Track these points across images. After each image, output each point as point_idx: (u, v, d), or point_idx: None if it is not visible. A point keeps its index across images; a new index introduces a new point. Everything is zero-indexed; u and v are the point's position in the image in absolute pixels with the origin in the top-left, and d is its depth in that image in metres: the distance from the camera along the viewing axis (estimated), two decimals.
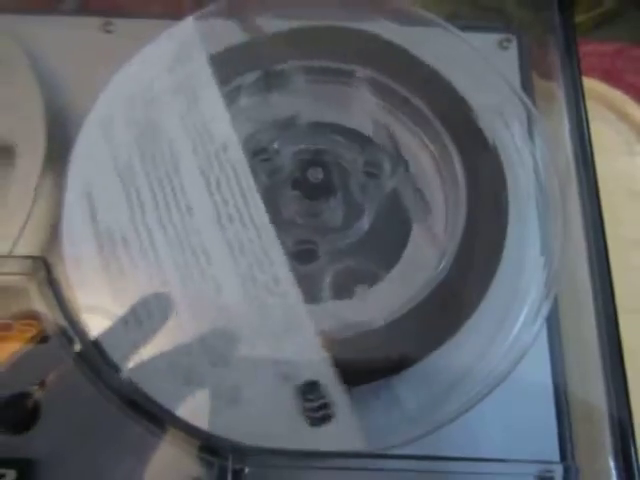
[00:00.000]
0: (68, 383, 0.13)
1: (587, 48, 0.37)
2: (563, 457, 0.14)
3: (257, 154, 0.17)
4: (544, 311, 0.16)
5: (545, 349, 0.17)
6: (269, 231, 0.15)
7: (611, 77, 0.33)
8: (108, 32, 0.21)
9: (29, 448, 0.13)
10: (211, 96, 0.16)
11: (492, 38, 0.21)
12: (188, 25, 0.18)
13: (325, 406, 0.13)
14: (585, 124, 0.19)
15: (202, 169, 0.16)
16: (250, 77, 0.17)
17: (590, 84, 0.31)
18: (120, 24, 0.21)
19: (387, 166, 0.18)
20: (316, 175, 0.16)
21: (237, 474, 0.13)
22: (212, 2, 0.18)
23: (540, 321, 0.16)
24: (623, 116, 0.31)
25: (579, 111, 0.20)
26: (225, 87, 0.17)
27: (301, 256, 0.16)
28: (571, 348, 0.17)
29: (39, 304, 0.14)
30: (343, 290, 0.16)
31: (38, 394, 0.13)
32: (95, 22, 0.21)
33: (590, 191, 0.19)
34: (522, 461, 0.13)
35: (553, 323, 0.17)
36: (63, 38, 0.21)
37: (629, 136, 0.30)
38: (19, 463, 0.12)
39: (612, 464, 0.13)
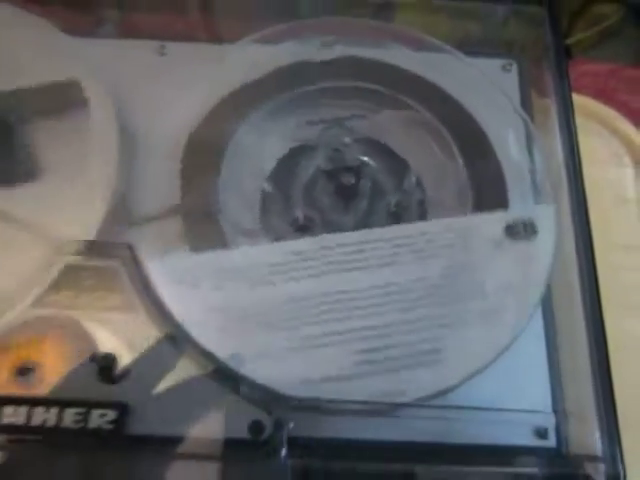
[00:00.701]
0: (156, 350, 0.16)
1: (582, 68, 0.40)
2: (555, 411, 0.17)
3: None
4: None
5: (541, 333, 0.20)
6: None
7: (604, 95, 0.37)
8: (163, 55, 0.24)
9: (125, 395, 0.16)
10: None
11: (496, 63, 0.25)
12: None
13: None
14: (574, 137, 0.22)
15: None
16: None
17: (585, 101, 0.34)
18: (172, 47, 0.24)
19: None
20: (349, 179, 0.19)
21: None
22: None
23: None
24: (614, 131, 0.34)
25: (569, 125, 0.23)
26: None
27: None
28: (563, 334, 0.20)
29: (129, 286, 0.17)
30: None
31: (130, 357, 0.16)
32: (151, 45, 0.24)
33: (578, 196, 0.22)
34: (519, 410, 0.16)
35: (547, 310, 0.20)
36: (118, 60, 0.24)
37: (619, 149, 0.34)
38: (118, 406, 0.16)
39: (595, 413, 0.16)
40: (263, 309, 0.17)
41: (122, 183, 0.20)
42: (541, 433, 0.17)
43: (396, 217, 0.20)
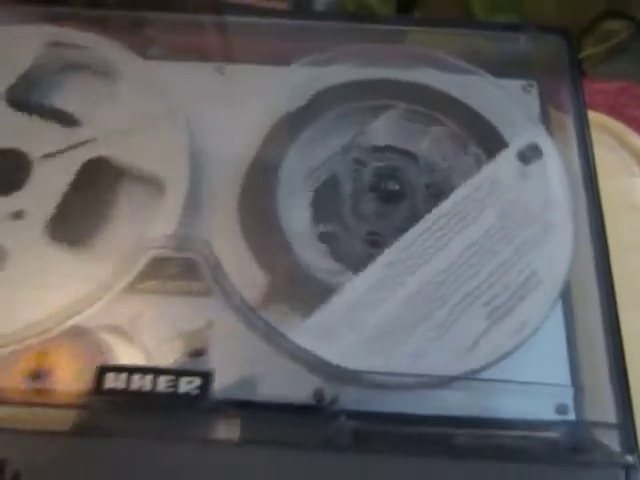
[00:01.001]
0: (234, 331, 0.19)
1: (595, 86, 0.43)
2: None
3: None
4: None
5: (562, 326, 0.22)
6: None
7: (615, 111, 0.39)
8: (222, 74, 0.27)
9: (207, 366, 0.19)
10: None
11: (518, 84, 0.28)
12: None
13: None
14: (590, 149, 0.25)
15: None
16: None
17: (597, 117, 0.37)
18: (230, 68, 0.27)
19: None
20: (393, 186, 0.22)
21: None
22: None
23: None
24: (624, 144, 0.37)
25: (585, 138, 0.26)
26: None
27: None
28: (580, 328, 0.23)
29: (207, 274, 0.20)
30: None
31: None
32: (210, 66, 0.28)
33: (594, 204, 0.25)
34: (540, 384, 0.19)
35: (567, 302, 0.23)
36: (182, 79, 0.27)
37: (630, 161, 0.36)
38: (202, 373, 0.19)
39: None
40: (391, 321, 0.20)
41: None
42: (562, 409, 0.20)
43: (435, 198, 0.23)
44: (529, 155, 0.24)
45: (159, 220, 0.21)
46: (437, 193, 0.23)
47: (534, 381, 0.20)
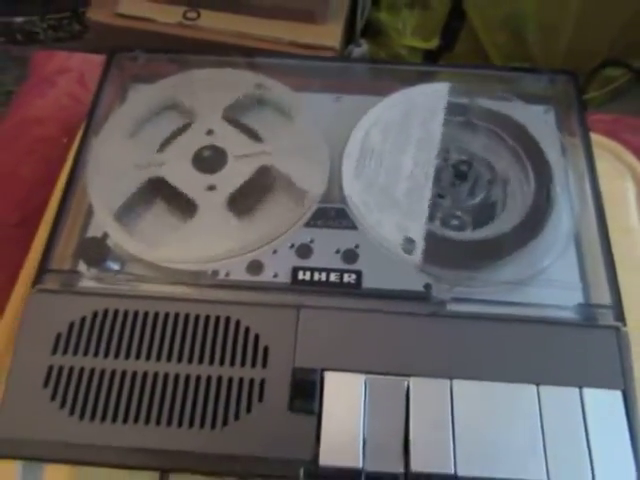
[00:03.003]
0: (374, 250, 0.32)
1: (594, 117, 0.56)
2: None
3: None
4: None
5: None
6: None
7: (610, 135, 0.53)
8: (338, 101, 0.41)
9: (360, 267, 0.32)
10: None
11: (541, 108, 0.41)
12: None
13: None
14: (594, 167, 0.37)
15: None
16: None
17: (597, 138, 0.50)
18: (344, 98, 0.41)
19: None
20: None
21: None
22: None
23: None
24: (619, 158, 0.50)
25: (590, 159, 0.39)
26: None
27: None
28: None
29: None
30: None
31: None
32: (329, 97, 0.41)
33: (598, 204, 0.37)
34: (560, 280, 0.32)
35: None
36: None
37: (623, 170, 0.49)
38: (356, 271, 0.31)
39: None
40: None
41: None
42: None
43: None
44: None
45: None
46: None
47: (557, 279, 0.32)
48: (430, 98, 0.38)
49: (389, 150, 0.37)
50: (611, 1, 0.95)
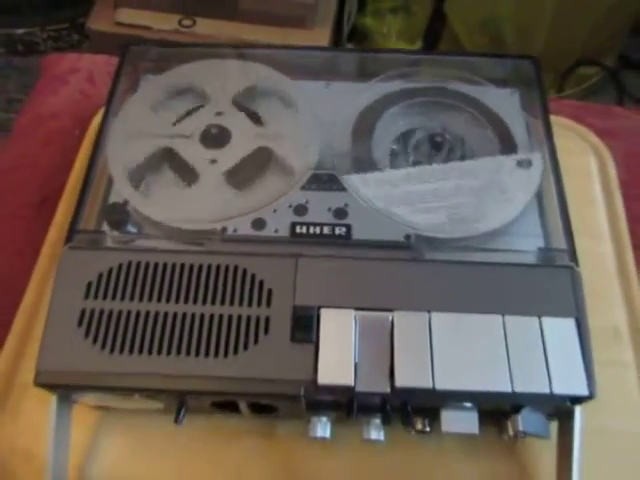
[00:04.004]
0: (361, 207, 0.37)
1: (563, 102, 0.63)
2: None
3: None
4: None
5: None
6: None
7: (577, 119, 0.59)
8: (327, 87, 0.47)
9: (349, 222, 0.37)
10: None
11: (507, 91, 0.47)
12: None
13: None
14: (552, 138, 0.42)
15: None
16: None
17: (565, 121, 0.56)
18: (333, 84, 0.47)
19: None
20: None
21: None
22: None
23: None
24: (583, 138, 0.56)
25: (549, 131, 0.44)
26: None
27: None
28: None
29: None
30: None
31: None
32: (320, 84, 0.47)
33: (556, 169, 0.42)
34: (524, 233, 0.37)
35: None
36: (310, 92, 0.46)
37: (586, 148, 0.55)
38: (346, 225, 0.37)
39: None
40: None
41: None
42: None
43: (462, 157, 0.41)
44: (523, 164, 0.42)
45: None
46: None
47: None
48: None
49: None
50: (582, 4, 1.02)
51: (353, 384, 0.32)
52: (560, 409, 0.35)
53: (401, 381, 0.32)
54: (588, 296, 0.36)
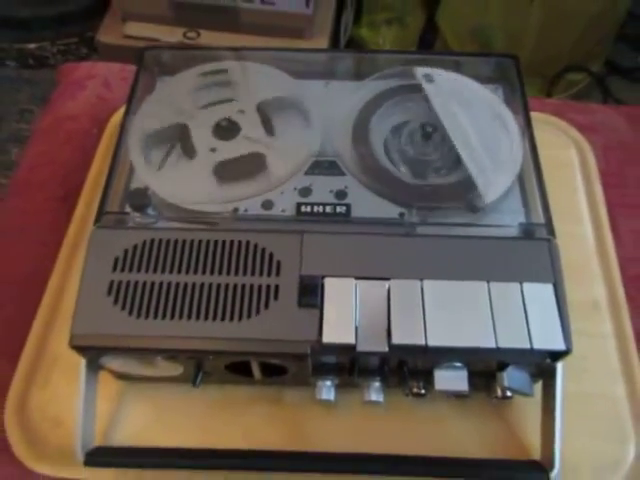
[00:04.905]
0: (359, 190, 0.42)
1: (547, 101, 0.67)
2: None
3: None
4: None
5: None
6: None
7: (559, 115, 0.63)
8: (327, 86, 0.51)
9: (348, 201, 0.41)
10: None
11: (492, 87, 0.51)
12: None
13: None
14: (532, 131, 0.46)
15: None
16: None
17: (548, 117, 0.61)
18: (334, 83, 0.51)
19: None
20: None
21: None
22: None
23: None
24: (565, 133, 0.60)
25: (529, 126, 0.48)
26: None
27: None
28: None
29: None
30: None
31: None
32: (320, 83, 0.51)
33: (535, 157, 0.46)
34: (507, 210, 0.41)
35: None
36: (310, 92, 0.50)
37: (568, 141, 0.60)
38: (346, 204, 0.41)
39: None
40: None
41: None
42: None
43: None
44: None
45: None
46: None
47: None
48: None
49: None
50: (567, 13, 1.07)
51: (354, 342, 0.36)
52: (542, 368, 0.38)
53: (397, 339, 0.36)
54: (571, 273, 0.40)
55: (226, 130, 0.46)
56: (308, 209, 0.41)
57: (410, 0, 1.16)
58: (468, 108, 0.48)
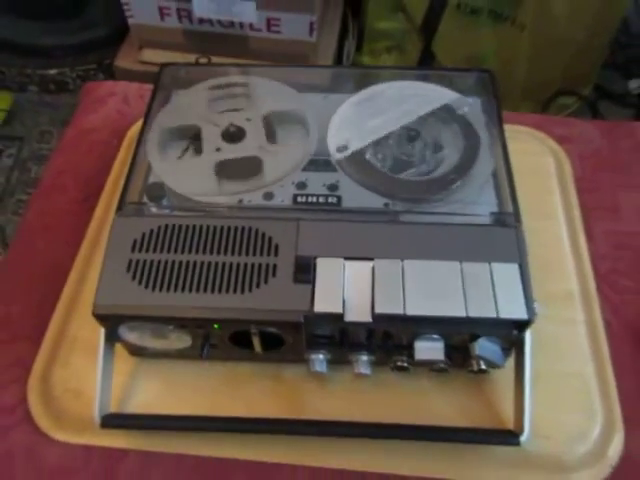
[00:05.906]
0: (350, 185, 0.48)
1: (529, 116, 0.73)
2: None
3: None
4: None
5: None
6: None
7: (539, 128, 0.69)
8: (325, 99, 0.58)
9: (340, 194, 0.47)
10: None
11: (471, 99, 0.57)
12: None
13: None
14: (504, 136, 0.53)
15: None
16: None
17: (528, 129, 0.67)
18: (330, 96, 0.58)
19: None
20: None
21: None
22: None
23: None
24: (543, 143, 0.67)
25: (502, 132, 0.54)
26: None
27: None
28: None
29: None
30: None
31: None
32: (319, 96, 0.58)
33: (505, 155, 0.53)
34: (480, 202, 0.47)
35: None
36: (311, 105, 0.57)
37: (545, 150, 0.66)
38: (337, 196, 0.47)
39: None
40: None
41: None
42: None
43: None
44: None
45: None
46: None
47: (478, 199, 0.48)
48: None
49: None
50: (555, 40, 1.15)
51: (342, 312, 0.42)
52: (511, 340, 0.44)
53: (379, 309, 0.42)
54: (548, 267, 0.46)
55: (233, 134, 0.53)
56: (304, 199, 0.47)
57: (409, 30, 1.25)
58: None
